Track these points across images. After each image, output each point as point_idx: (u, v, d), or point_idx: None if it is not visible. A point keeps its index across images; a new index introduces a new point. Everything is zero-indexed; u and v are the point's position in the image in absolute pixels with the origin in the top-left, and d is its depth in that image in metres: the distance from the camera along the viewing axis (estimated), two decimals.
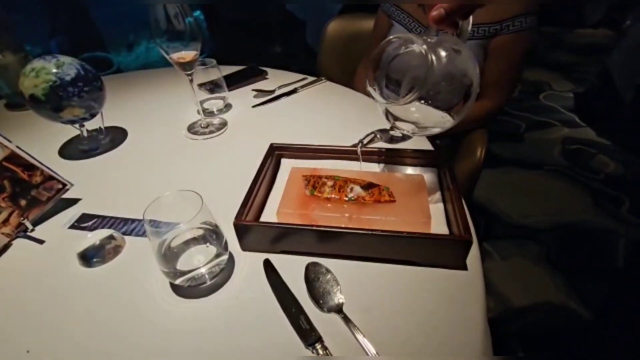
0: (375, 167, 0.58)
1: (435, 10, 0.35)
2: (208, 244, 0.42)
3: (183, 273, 0.40)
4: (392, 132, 0.47)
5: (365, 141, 0.49)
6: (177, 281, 0.40)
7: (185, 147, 0.71)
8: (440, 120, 0.40)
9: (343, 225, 0.44)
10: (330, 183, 0.49)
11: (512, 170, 1.72)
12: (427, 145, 0.65)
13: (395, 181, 0.50)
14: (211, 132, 0.74)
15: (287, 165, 0.57)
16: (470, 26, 0.38)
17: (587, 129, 1.97)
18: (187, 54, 0.63)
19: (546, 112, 2.15)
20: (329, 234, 0.42)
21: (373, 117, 0.73)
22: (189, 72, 0.66)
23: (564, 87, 2.40)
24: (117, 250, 0.47)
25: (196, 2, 1.98)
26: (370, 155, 0.57)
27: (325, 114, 0.80)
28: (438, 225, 0.46)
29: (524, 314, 1.10)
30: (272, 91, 0.89)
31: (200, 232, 0.42)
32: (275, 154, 0.58)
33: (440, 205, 0.49)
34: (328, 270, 0.42)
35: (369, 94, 0.41)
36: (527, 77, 2.50)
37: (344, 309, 0.38)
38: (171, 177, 0.63)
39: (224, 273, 0.44)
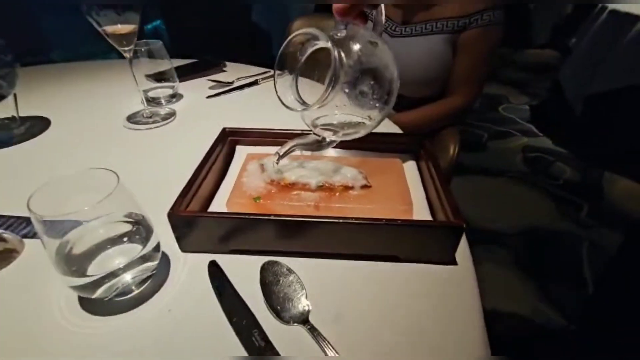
0: (342, 154, 0.50)
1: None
2: (131, 242, 0.32)
3: (95, 285, 0.29)
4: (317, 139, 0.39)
5: (281, 152, 0.40)
6: (89, 294, 0.30)
7: (123, 137, 0.60)
8: (363, 121, 0.36)
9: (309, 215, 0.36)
10: (292, 166, 0.41)
11: (477, 178, 1.74)
12: (396, 130, 0.60)
13: (369, 165, 0.43)
14: (155, 122, 0.63)
15: (243, 152, 0.49)
16: (383, 17, 0.35)
17: (545, 138, 2.06)
18: (124, 27, 0.54)
19: (506, 122, 2.24)
20: (292, 224, 0.34)
21: None
22: (126, 49, 0.56)
23: (520, 100, 2.53)
24: (9, 256, 0.36)
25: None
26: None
27: None
28: (420, 213, 0.39)
29: (499, 320, 1.06)
30: (231, 82, 0.80)
31: (121, 227, 0.32)
32: (229, 140, 0.49)
33: (421, 191, 0.43)
34: (290, 271, 0.33)
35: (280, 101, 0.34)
36: (486, 91, 2.60)
37: (311, 319, 0.30)
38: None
39: (155, 281, 0.34)
